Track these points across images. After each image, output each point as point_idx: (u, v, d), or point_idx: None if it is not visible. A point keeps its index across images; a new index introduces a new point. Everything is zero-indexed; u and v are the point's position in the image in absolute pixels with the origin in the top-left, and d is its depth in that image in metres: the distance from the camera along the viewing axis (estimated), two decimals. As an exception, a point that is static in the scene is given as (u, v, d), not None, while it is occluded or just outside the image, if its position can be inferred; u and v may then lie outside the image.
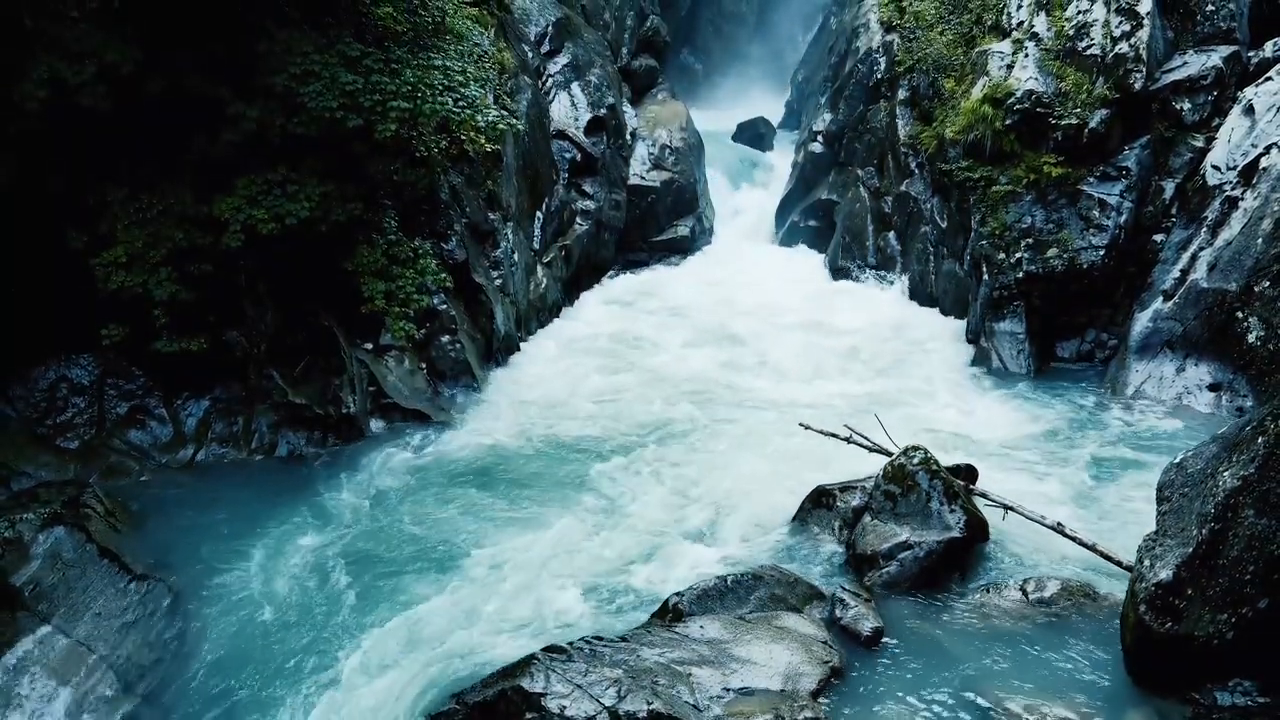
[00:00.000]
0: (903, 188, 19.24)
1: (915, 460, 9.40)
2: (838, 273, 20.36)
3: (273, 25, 11.16)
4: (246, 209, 10.80)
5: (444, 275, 12.87)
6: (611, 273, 20.76)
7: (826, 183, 22.64)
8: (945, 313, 17.40)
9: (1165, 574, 6.95)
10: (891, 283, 19.22)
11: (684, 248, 22.48)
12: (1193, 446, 7.71)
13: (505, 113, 13.26)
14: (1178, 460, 7.68)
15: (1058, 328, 15.20)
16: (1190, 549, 6.88)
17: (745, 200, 25.27)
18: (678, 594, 8.20)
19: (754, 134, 27.82)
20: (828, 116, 23.02)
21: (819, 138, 23.12)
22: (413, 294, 11.97)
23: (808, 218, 22.72)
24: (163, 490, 10.69)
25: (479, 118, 11.81)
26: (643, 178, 22.32)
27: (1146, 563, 7.19)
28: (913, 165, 19.05)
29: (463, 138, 13.85)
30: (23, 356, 10.97)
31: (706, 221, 23.40)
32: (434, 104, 11.27)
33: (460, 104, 11.67)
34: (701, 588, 8.23)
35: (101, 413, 11.23)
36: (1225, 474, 6.85)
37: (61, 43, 10.10)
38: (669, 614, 8.03)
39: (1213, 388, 13.04)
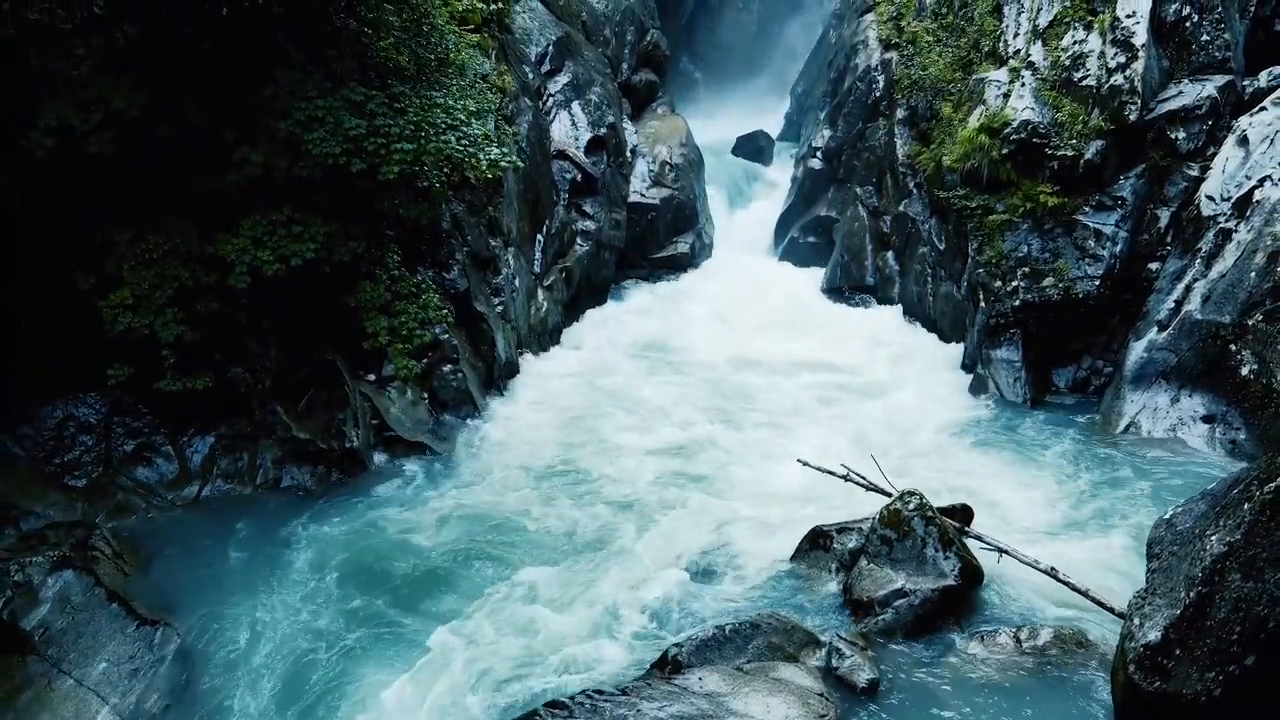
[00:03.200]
0: (901, 208, 19.37)
1: (911, 505, 9.53)
2: (836, 292, 20.52)
3: (277, 67, 11.27)
4: (252, 250, 10.95)
5: (445, 310, 13.03)
6: (611, 292, 20.87)
7: (825, 199, 22.79)
8: (943, 336, 17.55)
9: (1154, 635, 7.08)
10: (890, 304, 19.36)
11: (684, 264, 22.65)
12: (1181, 503, 7.84)
13: (506, 150, 13.32)
14: (1167, 516, 7.81)
15: (1054, 354, 15.32)
16: (1178, 611, 7.02)
17: (745, 215, 25.38)
18: (677, 645, 8.33)
19: (754, 147, 27.91)
20: (827, 133, 23.15)
21: (818, 154, 23.26)
22: (415, 329, 12.13)
23: (807, 234, 22.86)
24: (169, 529, 10.84)
25: (481, 156, 11.93)
26: (643, 195, 22.48)
27: (1136, 621, 7.33)
28: (911, 185, 19.19)
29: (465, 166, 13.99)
30: (31, 396, 11.11)
31: (706, 237, 23.55)
32: (437, 143, 11.42)
33: (463, 142, 11.80)
34: (700, 638, 8.37)
35: (108, 450, 11.38)
36: (1212, 538, 6.98)
37: (68, 87, 10.25)
38: (668, 665, 8.16)
39: (1207, 420, 13.15)
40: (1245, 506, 6.88)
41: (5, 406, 10.95)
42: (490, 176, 15.04)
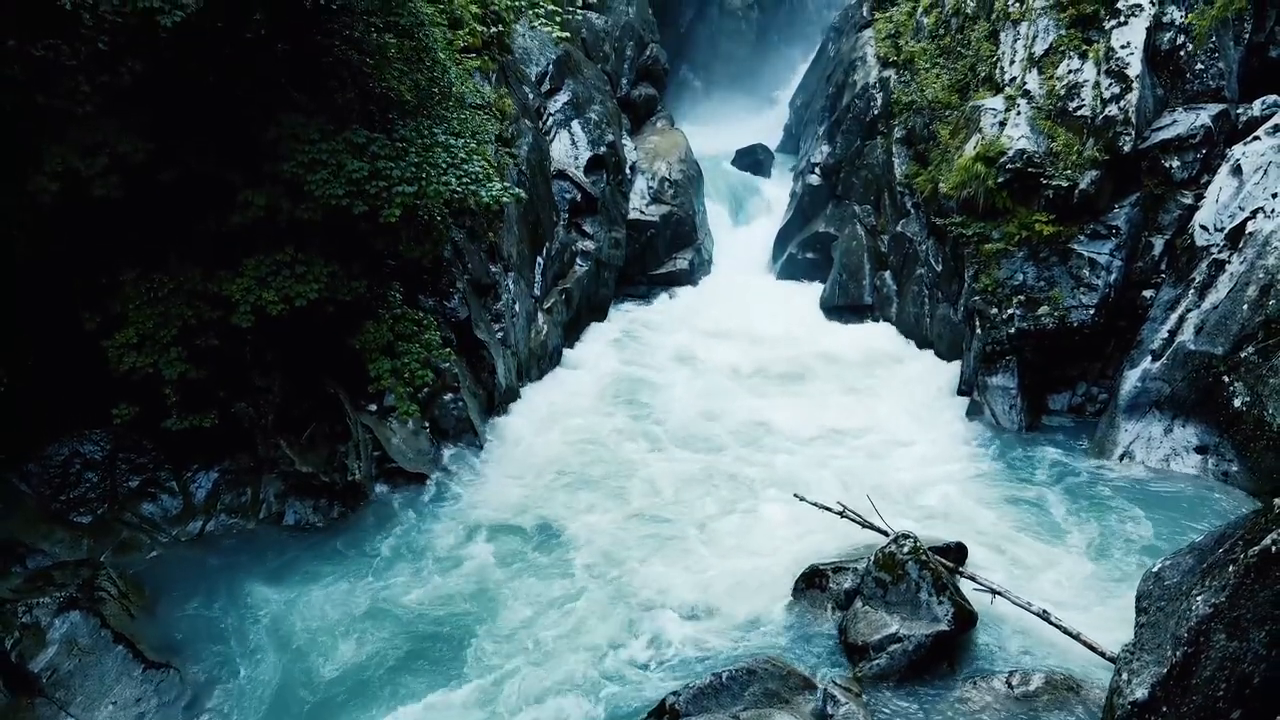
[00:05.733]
0: (899, 228, 19.48)
1: (905, 549, 9.68)
2: (834, 311, 20.63)
3: (280, 110, 11.38)
4: (256, 290, 11.05)
5: (448, 350, 13.14)
6: (611, 310, 20.96)
7: (824, 215, 22.88)
8: (940, 356, 17.64)
9: (1141, 692, 7.23)
10: (888, 324, 19.48)
11: (683, 280, 22.76)
12: (1169, 555, 7.98)
13: (509, 184, 13.41)
14: (1155, 569, 7.95)
15: (1050, 381, 15.45)
16: (1165, 669, 7.16)
17: (744, 229, 25.49)
18: (674, 693, 8.46)
19: (753, 160, 28.00)
20: (825, 149, 23.24)
21: (816, 170, 23.35)
22: (418, 370, 12.25)
23: (805, 250, 22.95)
24: (174, 566, 10.95)
25: (483, 193, 12.02)
26: (642, 212, 22.56)
27: (1124, 676, 7.48)
28: (909, 205, 19.31)
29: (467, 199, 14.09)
30: (37, 434, 11.23)
31: (705, 253, 23.65)
32: (438, 185, 11.50)
33: (464, 181, 11.88)
34: (697, 686, 8.50)
35: (114, 487, 11.50)
36: (1199, 598, 7.12)
37: (73, 129, 10.32)
38: (666, 714, 8.30)
39: (1200, 450, 13.28)
40: (1230, 569, 7.01)
41: (12, 444, 11.07)
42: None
